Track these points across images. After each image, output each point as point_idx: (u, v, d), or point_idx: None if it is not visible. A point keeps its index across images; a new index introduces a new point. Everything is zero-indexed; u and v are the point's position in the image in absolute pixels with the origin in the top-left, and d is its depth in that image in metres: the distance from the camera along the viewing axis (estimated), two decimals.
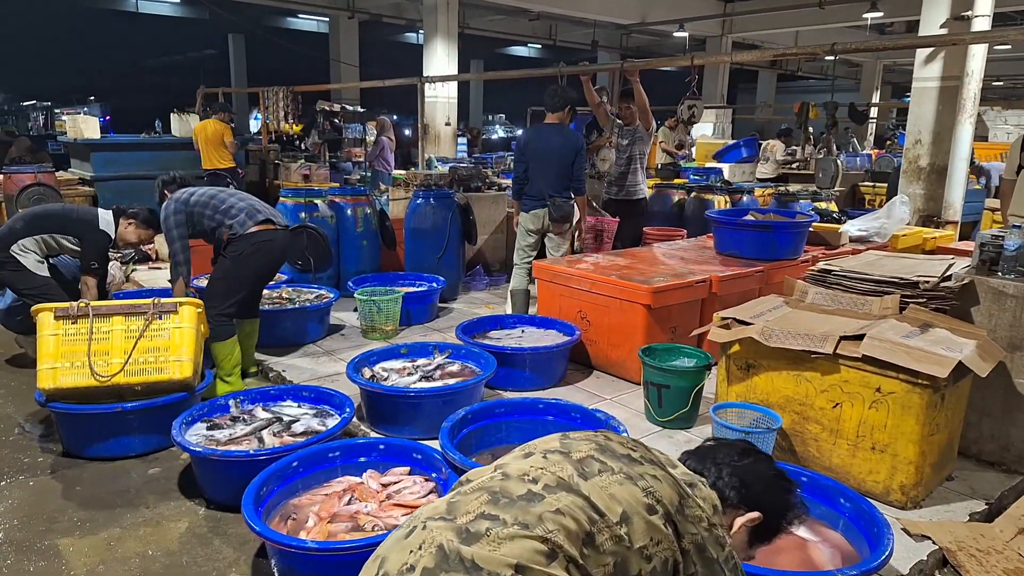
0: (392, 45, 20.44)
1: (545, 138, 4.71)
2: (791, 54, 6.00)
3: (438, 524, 1.21)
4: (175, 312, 3.39)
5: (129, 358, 3.26)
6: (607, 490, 1.25)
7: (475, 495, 1.26)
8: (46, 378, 3.19)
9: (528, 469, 1.30)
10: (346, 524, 2.49)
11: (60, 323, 3.26)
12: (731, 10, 14.11)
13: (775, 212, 5.07)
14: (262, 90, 9.33)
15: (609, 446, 1.38)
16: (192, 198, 3.88)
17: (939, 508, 2.75)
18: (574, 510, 1.20)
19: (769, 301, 3.29)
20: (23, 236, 3.98)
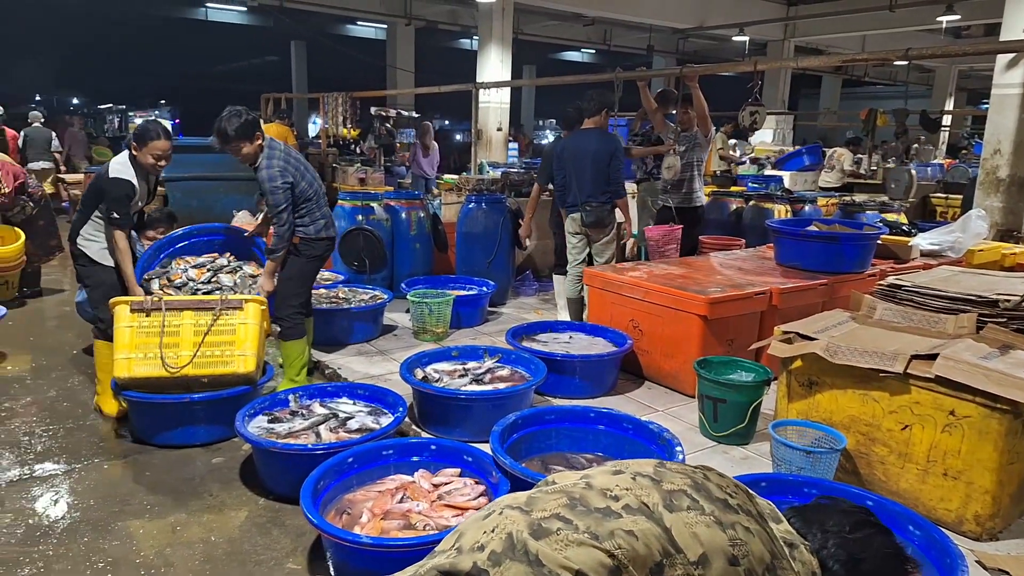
0: (447, 51, 20.72)
1: (582, 143, 4.76)
2: (861, 59, 5.78)
3: (514, 513, 1.23)
4: (241, 309, 3.52)
5: (197, 351, 3.40)
6: (691, 528, 1.22)
7: (555, 496, 1.26)
8: (121, 367, 3.36)
9: (613, 486, 1.28)
10: (398, 522, 2.52)
11: (135, 316, 3.42)
12: (794, 13, 13.76)
13: (840, 223, 4.90)
14: (322, 95, 9.57)
15: (706, 486, 1.32)
16: (301, 183, 3.76)
17: (1018, 541, 2.59)
18: (649, 538, 1.18)
19: (834, 316, 3.19)
20: (81, 223, 3.76)
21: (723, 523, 1.24)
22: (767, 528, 1.31)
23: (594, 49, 20.57)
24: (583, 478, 1.33)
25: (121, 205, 3.62)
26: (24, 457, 3.33)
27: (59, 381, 4.27)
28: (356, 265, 5.61)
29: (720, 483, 1.35)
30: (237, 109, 3.70)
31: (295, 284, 3.91)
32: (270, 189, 3.65)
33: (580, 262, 4.93)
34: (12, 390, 4.12)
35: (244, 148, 3.67)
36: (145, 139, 3.63)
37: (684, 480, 1.32)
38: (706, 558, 1.19)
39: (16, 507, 2.90)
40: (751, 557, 1.23)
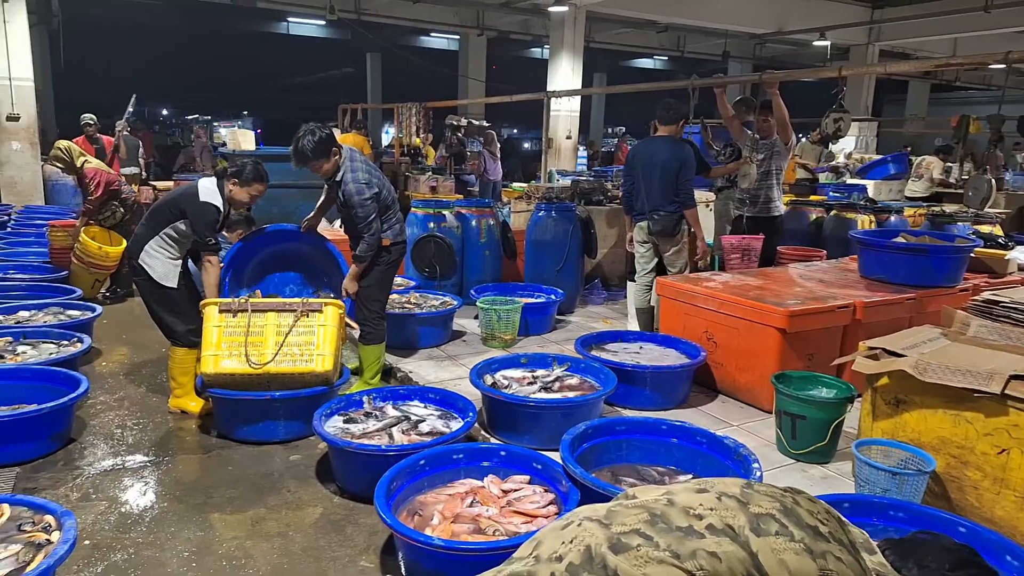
0: (516, 60, 20.88)
1: (653, 150, 4.74)
2: (956, 64, 5.47)
3: (593, 526, 1.21)
4: (320, 311, 3.67)
5: (279, 350, 3.55)
6: (779, 554, 1.17)
7: (635, 511, 1.24)
8: (208, 363, 3.54)
9: (696, 504, 1.24)
10: (468, 525, 2.54)
11: (223, 316, 3.61)
12: (879, 16, 13.20)
13: (930, 235, 4.66)
14: (396, 106, 9.81)
15: (796, 511, 1.26)
16: (382, 188, 3.85)
17: None
18: (733, 561, 1.14)
19: (924, 332, 3.03)
20: (147, 239, 3.74)
21: (813, 552, 1.18)
22: (859, 559, 1.24)
23: (667, 56, 20.30)
24: (665, 494, 1.31)
25: (211, 230, 3.71)
26: (117, 449, 3.52)
27: (149, 377, 4.50)
28: (427, 271, 5.71)
29: (811, 508, 1.29)
30: (311, 127, 3.76)
31: (376, 290, 4.02)
32: (359, 202, 3.73)
33: (648, 272, 4.90)
34: (107, 385, 4.36)
35: (324, 166, 3.77)
36: (250, 180, 3.79)
37: (772, 504, 1.26)
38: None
39: (109, 495, 3.08)
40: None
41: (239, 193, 3.79)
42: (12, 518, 2.38)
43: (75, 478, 3.22)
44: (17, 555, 2.18)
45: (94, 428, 3.74)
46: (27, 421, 3.28)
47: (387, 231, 3.96)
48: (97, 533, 2.77)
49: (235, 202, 3.83)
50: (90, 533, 2.76)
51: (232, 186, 3.78)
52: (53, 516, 2.36)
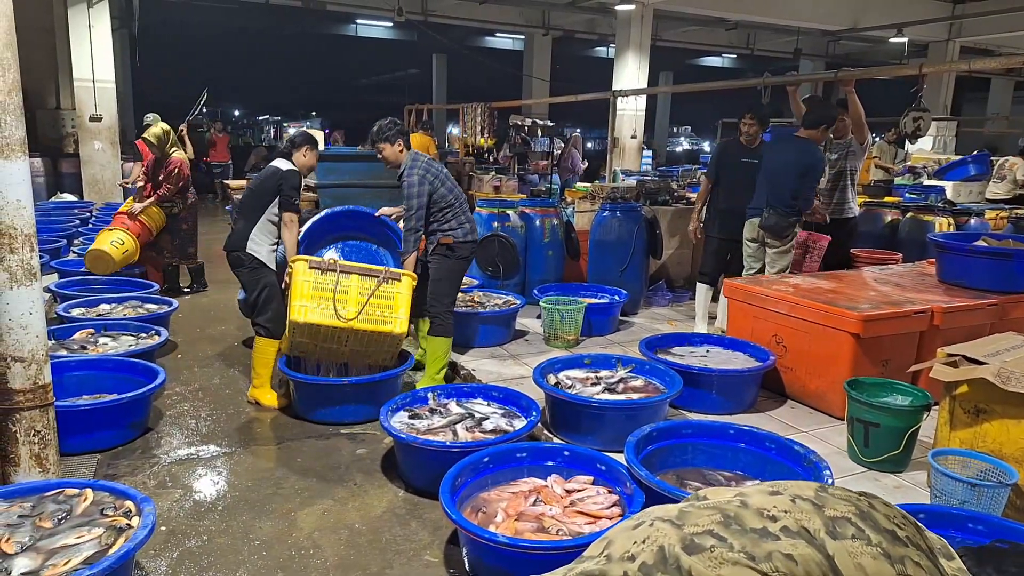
0: (581, 60, 20.82)
1: (784, 149, 4.77)
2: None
3: (665, 526, 1.21)
4: (399, 280, 3.95)
5: (363, 309, 3.83)
6: (856, 558, 1.16)
7: (708, 512, 1.24)
8: (297, 312, 3.78)
9: (771, 506, 1.24)
10: (532, 524, 2.57)
11: (311, 272, 3.87)
12: (960, 11, 12.58)
13: (1013, 238, 4.44)
14: (462, 106, 9.96)
15: (872, 515, 1.26)
16: (441, 188, 4.03)
17: None
18: (810, 564, 1.14)
19: (1007, 339, 2.91)
20: (249, 229, 4.01)
21: (891, 556, 1.17)
22: (938, 564, 1.23)
23: (736, 54, 19.86)
24: (737, 495, 1.30)
25: (297, 192, 4.08)
26: (192, 439, 3.68)
27: (222, 370, 4.70)
28: (491, 270, 5.78)
29: (887, 513, 1.28)
30: (390, 117, 4.12)
31: (446, 284, 4.13)
32: (407, 194, 3.97)
33: (755, 271, 4.89)
34: (182, 376, 4.56)
35: (385, 149, 4.06)
36: (315, 145, 4.19)
37: (848, 507, 1.25)
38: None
39: (184, 483, 3.22)
40: None
41: (310, 159, 4.17)
42: (95, 502, 2.48)
43: (152, 466, 3.36)
44: (100, 538, 2.28)
45: (170, 418, 3.92)
46: (107, 410, 3.45)
47: (457, 229, 4.08)
48: (173, 520, 2.90)
49: (305, 168, 4.19)
50: (166, 520, 2.88)
51: (302, 155, 4.13)
52: (133, 502, 2.45)
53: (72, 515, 2.42)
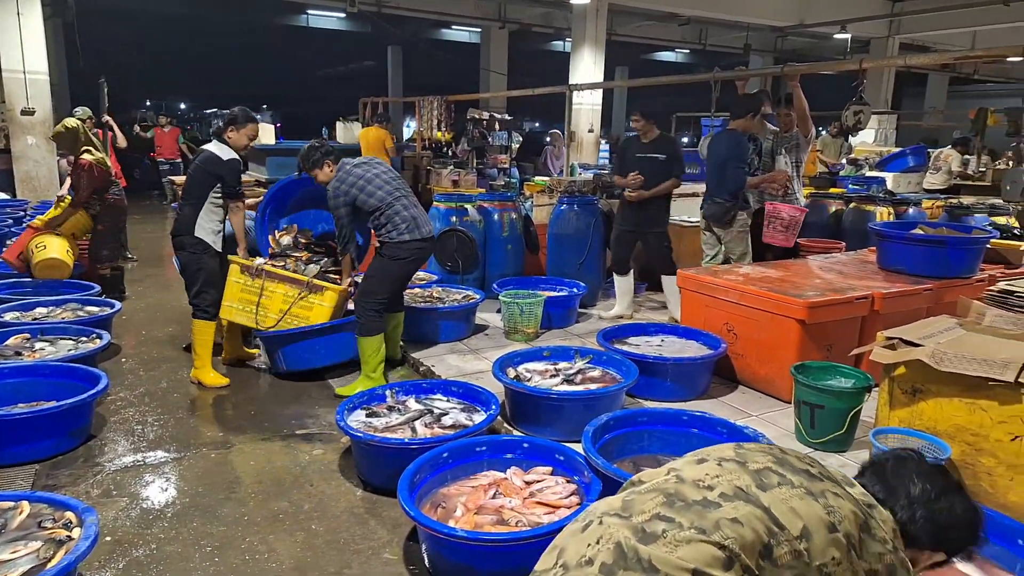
0: (538, 53, 20.83)
1: (716, 143, 5.16)
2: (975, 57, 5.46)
3: (614, 521, 1.24)
4: (322, 292, 4.27)
5: (282, 318, 4.27)
6: (787, 503, 1.24)
7: (650, 495, 1.28)
8: (225, 311, 4.34)
9: (703, 476, 1.30)
10: (491, 517, 2.59)
11: (243, 275, 4.31)
12: (899, 9, 13.03)
13: (947, 226, 4.66)
14: (417, 99, 9.89)
15: (787, 460, 1.35)
16: (362, 196, 4.07)
17: None
18: (752, 520, 1.20)
19: (941, 322, 3.05)
20: (195, 213, 4.14)
21: (814, 493, 1.26)
22: (849, 491, 1.33)
23: (688, 49, 20.16)
24: (670, 472, 1.36)
25: (239, 180, 4.24)
26: (138, 445, 3.56)
27: (169, 373, 4.55)
28: (449, 265, 5.78)
29: (797, 455, 1.39)
30: (313, 143, 4.32)
31: (374, 282, 4.10)
32: (332, 206, 4.15)
33: (710, 257, 5.19)
34: (127, 380, 4.41)
35: (318, 176, 4.25)
36: (244, 122, 4.25)
37: (766, 457, 1.34)
38: (807, 531, 1.21)
39: (131, 491, 3.11)
40: (846, 521, 1.25)
41: (239, 138, 4.25)
42: (32, 515, 2.37)
43: (95, 475, 3.23)
44: (38, 552, 2.18)
45: (114, 424, 3.79)
46: (46, 418, 3.31)
47: (392, 231, 4.07)
48: (119, 529, 2.80)
49: (239, 145, 4.27)
50: (111, 530, 2.78)
51: (231, 134, 4.24)
52: (74, 512, 2.36)
53: (7, 529, 2.32)
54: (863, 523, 1.28)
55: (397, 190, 4.16)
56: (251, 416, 3.95)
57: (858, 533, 1.25)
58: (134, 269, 7.80)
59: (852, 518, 1.26)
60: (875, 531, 1.29)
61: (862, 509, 1.30)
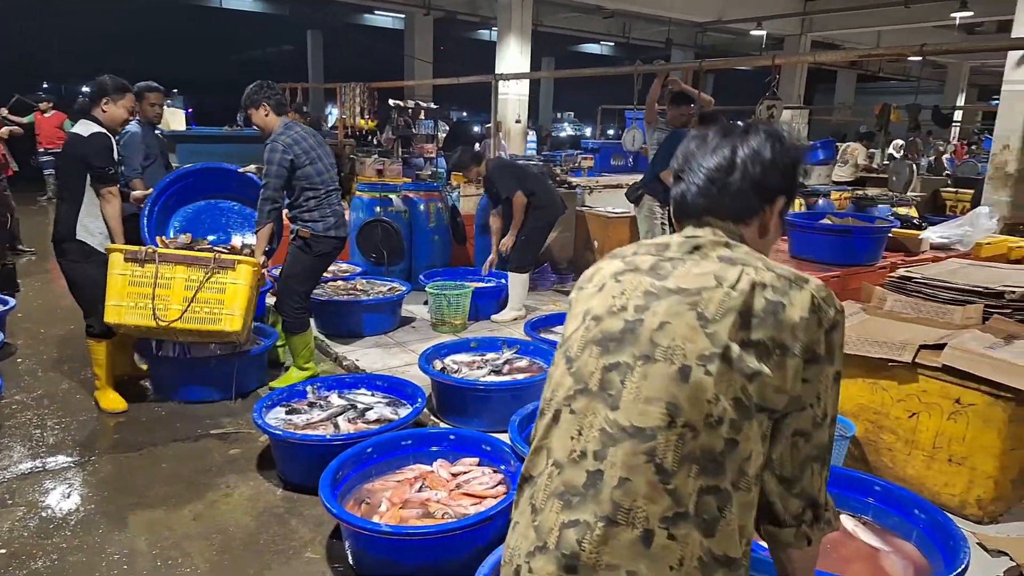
0: (465, 42, 20.67)
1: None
2: (877, 55, 5.80)
3: (582, 402, 1.10)
4: (233, 269, 3.54)
5: (188, 307, 3.48)
6: (687, 278, 1.11)
7: (587, 352, 1.13)
8: (112, 314, 3.46)
9: (612, 301, 1.14)
10: (417, 510, 2.58)
11: (129, 265, 3.46)
12: (810, 8, 13.65)
13: (853, 216, 4.93)
14: (339, 86, 9.63)
15: (670, 245, 1.19)
16: (308, 167, 3.77)
17: (1018, 524, 2.64)
18: (674, 311, 1.08)
19: (847, 307, 3.22)
20: (75, 213, 3.53)
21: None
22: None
23: (613, 42, 20.46)
24: (584, 317, 1.18)
25: (109, 158, 3.51)
26: (36, 450, 3.35)
27: (72, 374, 4.29)
28: (374, 257, 5.68)
29: (678, 242, 1.22)
30: (262, 81, 3.84)
31: (298, 281, 3.95)
32: (266, 159, 3.69)
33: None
34: (23, 382, 4.14)
35: (253, 115, 3.82)
36: (120, 90, 3.59)
37: (645, 250, 1.21)
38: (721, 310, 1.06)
39: (29, 500, 2.93)
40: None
41: (115, 111, 3.60)
42: None
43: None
44: None
45: (10, 429, 3.55)
46: None
47: (319, 221, 3.85)
48: (15, 540, 2.65)
49: (115, 121, 3.63)
50: (7, 541, 2.64)
51: (105, 107, 3.57)
52: None
53: None
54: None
55: (335, 181, 4.01)
56: (162, 417, 3.77)
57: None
58: (30, 263, 7.30)
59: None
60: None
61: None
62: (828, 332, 1.08)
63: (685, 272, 1.11)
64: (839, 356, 1.11)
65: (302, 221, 3.87)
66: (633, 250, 1.22)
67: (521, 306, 5.28)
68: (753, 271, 1.09)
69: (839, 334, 1.10)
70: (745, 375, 1.03)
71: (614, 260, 1.22)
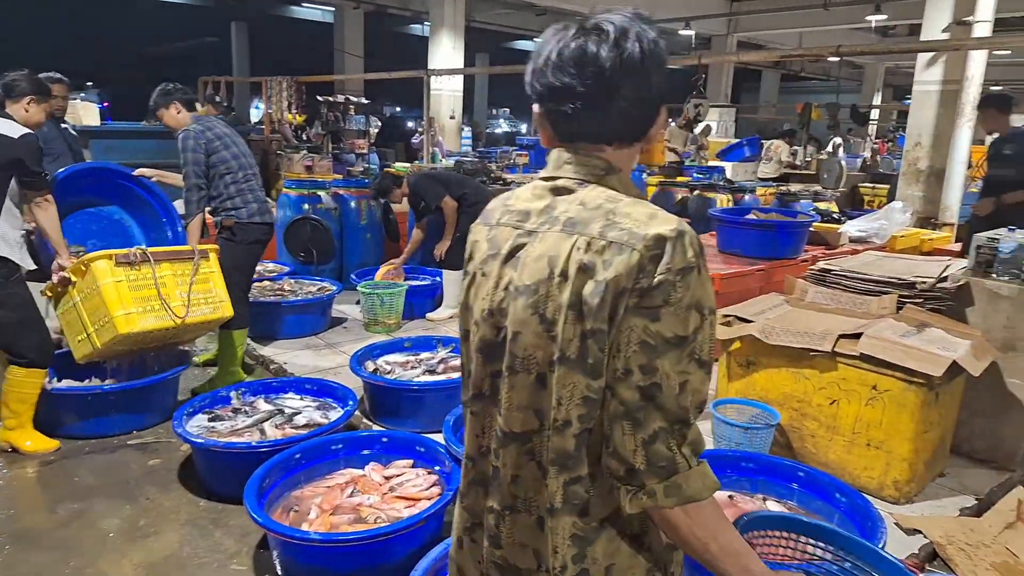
0: (397, 36, 20.39)
1: None
2: (796, 55, 6.04)
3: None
4: (207, 258, 3.60)
5: (190, 300, 3.45)
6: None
7: (476, 364, 1.12)
8: (124, 323, 3.20)
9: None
10: (349, 516, 2.52)
11: (122, 269, 3.26)
12: (736, 9, 14.09)
13: (777, 211, 5.10)
14: (265, 80, 9.33)
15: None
16: (223, 151, 3.72)
17: (931, 503, 2.79)
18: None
19: (770, 299, 3.32)
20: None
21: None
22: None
23: None
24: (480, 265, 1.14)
25: (39, 161, 3.15)
26: None
27: None
28: (303, 256, 5.52)
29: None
30: (170, 83, 3.80)
31: (239, 273, 3.85)
32: (181, 148, 3.65)
33: None
34: None
35: (163, 115, 3.74)
36: (40, 93, 3.27)
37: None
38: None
39: None
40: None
41: (32, 112, 3.25)
42: None
43: None
44: None
45: None
46: None
47: (242, 208, 3.79)
48: None
49: (33, 124, 3.25)
50: None
51: (24, 109, 3.21)
52: None
53: None
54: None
55: (253, 167, 3.93)
56: None
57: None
58: None
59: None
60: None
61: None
62: (652, 290, 0.95)
63: (530, 258, 1.04)
64: (671, 314, 0.95)
65: (224, 211, 3.79)
66: (498, 216, 1.14)
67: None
68: (586, 242, 0.99)
69: (680, 290, 0.95)
70: (589, 370, 0.98)
71: (482, 233, 1.16)
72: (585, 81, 1.00)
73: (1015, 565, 2.35)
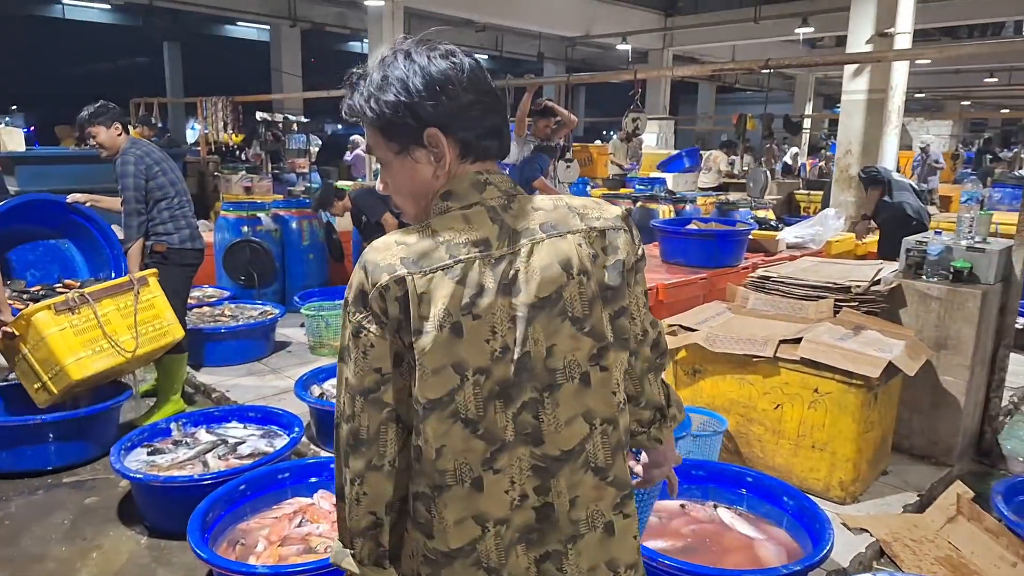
0: (336, 54, 20.20)
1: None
2: (729, 69, 6.24)
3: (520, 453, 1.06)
4: (147, 284, 3.55)
5: (137, 332, 3.41)
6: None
7: (491, 414, 1.04)
8: (76, 370, 3.17)
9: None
10: (298, 547, 2.44)
11: (64, 317, 3.22)
12: (671, 24, 14.49)
13: (717, 221, 5.22)
14: (200, 100, 9.10)
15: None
16: (160, 177, 3.67)
17: (876, 502, 2.87)
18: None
19: (713, 307, 3.39)
20: None
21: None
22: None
23: (487, 55, 20.73)
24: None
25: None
26: None
27: None
28: (243, 280, 5.37)
29: None
30: (102, 101, 3.73)
31: (176, 299, 3.75)
32: (121, 172, 3.60)
33: None
34: None
35: (99, 134, 3.64)
36: None
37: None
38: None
39: None
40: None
41: None
42: None
43: None
44: None
45: None
46: None
47: (174, 233, 3.73)
48: None
49: None
50: None
51: None
52: None
53: None
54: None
55: (187, 192, 3.88)
56: None
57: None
58: None
59: None
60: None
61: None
62: (640, 260, 1.18)
63: (535, 272, 1.02)
64: (643, 273, 1.21)
65: (156, 235, 3.72)
66: (451, 254, 1.01)
67: None
68: (581, 237, 1.08)
69: (642, 253, 1.20)
70: (624, 345, 1.11)
71: (444, 283, 0.99)
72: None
73: (957, 558, 2.44)
